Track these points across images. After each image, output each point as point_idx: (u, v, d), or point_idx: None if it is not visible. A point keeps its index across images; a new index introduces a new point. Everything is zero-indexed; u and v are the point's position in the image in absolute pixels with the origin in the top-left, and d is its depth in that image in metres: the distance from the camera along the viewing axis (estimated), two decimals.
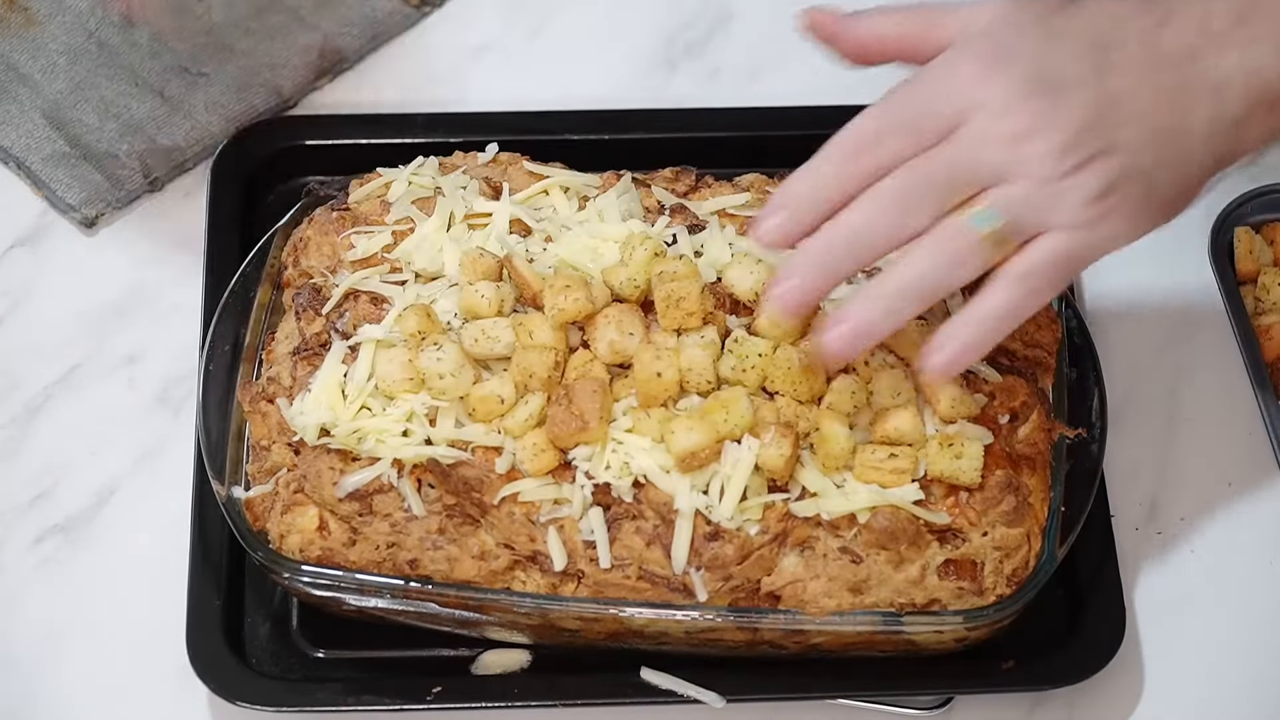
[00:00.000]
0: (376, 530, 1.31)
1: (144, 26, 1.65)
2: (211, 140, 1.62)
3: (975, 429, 1.30)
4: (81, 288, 1.56)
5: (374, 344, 1.32)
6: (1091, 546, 1.40)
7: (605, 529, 1.29)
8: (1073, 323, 1.41)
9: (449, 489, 1.30)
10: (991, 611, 1.30)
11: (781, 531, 1.28)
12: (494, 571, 1.31)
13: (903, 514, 1.28)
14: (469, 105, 1.62)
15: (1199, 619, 1.43)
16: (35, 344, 1.53)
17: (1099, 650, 1.37)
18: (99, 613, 1.42)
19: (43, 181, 1.59)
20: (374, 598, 1.33)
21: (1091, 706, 1.40)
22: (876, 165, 1.18)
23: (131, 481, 1.48)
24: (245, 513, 1.34)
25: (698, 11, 1.71)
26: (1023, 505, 1.30)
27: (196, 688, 1.36)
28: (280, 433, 1.34)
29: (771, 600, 1.30)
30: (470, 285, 1.32)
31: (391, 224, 1.39)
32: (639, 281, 1.32)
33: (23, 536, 1.45)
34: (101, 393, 1.52)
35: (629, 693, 1.36)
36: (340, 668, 1.40)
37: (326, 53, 1.67)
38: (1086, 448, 1.36)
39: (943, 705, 1.39)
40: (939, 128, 1.17)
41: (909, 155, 1.18)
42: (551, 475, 1.29)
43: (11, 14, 1.67)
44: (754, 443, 1.27)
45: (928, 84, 1.19)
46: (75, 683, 1.40)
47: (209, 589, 1.39)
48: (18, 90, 1.63)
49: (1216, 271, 1.53)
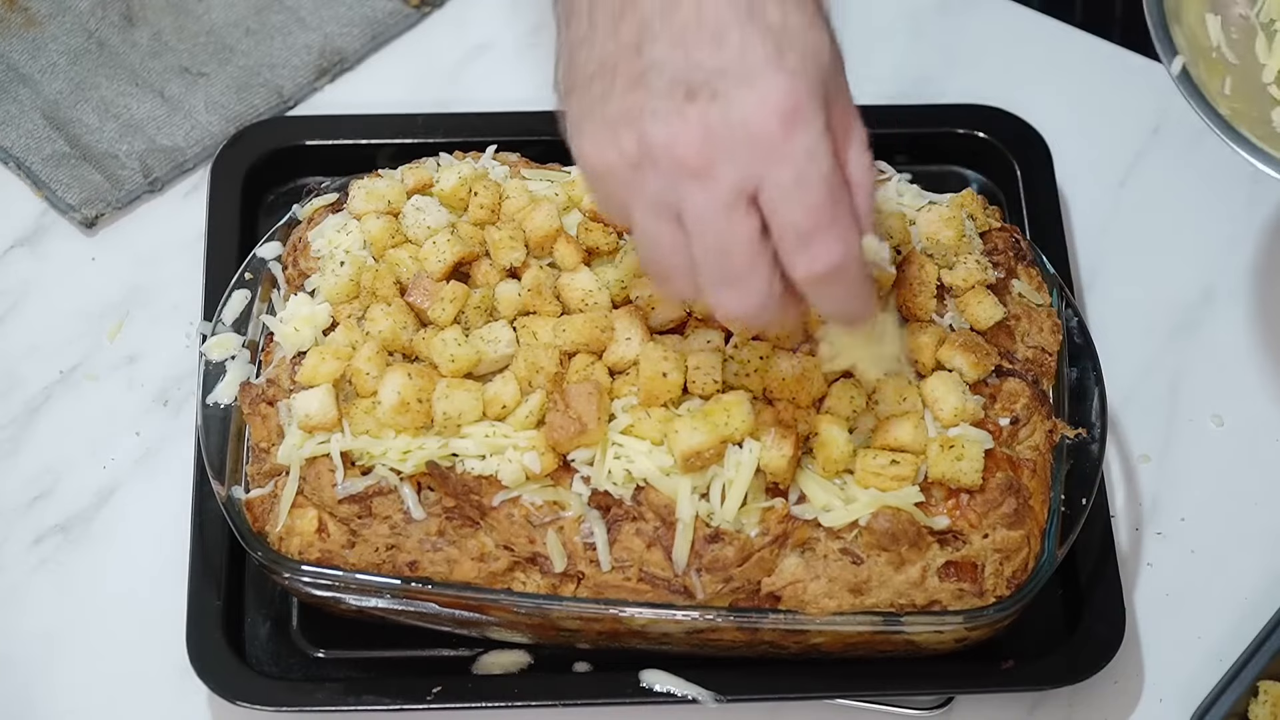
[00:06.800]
0: (376, 532, 1.31)
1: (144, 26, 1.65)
2: (211, 140, 1.62)
3: (976, 432, 1.30)
4: (81, 288, 1.56)
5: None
6: (1091, 546, 1.40)
7: (605, 532, 1.29)
8: (1073, 323, 1.41)
9: (448, 491, 1.30)
10: (991, 612, 1.30)
11: (782, 533, 1.28)
12: (494, 573, 1.31)
13: (904, 516, 1.28)
14: (469, 105, 1.62)
15: (1199, 619, 1.43)
16: (35, 344, 1.53)
17: (1099, 650, 1.37)
18: (99, 613, 1.42)
19: (43, 181, 1.59)
20: (374, 598, 1.33)
21: (1091, 706, 1.40)
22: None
23: (131, 481, 1.48)
24: (245, 513, 1.34)
25: None
26: (1023, 507, 1.30)
27: (196, 688, 1.36)
28: (279, 435, 1.34)
29: (772, 601, 1.30)
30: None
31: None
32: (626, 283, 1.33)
33: (23, 536, 1.45)
34: (101, 393, 1.52)
35: (629, 693, 1.36)
36: (340, 668, 1.40)
37: (326, 53, 1.67)
38: (1086, 448, 1.36)
39: (943, 705, 1.39)
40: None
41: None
42: (551, 478, 1.29)
43: (11, 14, 1.67)
44: (756, 446, 1.27)
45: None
46: (75, 683, 1.40)
47: (209, 589, 1.39)
48: (18, 90, 1.63)
49: None
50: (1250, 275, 1.58)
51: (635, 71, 1.12)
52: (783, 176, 1.11)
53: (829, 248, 1.12)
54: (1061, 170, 1.58)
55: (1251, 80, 1.36)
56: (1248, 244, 1.59)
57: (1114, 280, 1.57)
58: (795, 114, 1.10)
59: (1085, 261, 1.58)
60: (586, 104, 1.14)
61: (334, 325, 1.36)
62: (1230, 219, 1.60)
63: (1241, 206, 1.60)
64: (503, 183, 1.40)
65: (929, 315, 1.35)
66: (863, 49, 1.67)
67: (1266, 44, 1.37)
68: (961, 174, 1.60)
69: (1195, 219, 1.60)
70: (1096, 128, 1.64)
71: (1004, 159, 1.59)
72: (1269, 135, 1.33)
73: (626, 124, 1.12)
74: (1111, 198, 1.62)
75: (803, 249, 1.12)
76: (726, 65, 1.10)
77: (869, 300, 1.18)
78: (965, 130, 1.60)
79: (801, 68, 1.11)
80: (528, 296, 1.34)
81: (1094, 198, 1.61)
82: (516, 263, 1.36)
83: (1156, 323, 1.56)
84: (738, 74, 1.10)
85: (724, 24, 1.11)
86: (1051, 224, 1.55)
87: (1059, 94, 1.65)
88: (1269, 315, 1.56)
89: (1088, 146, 1.62)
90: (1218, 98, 1.33)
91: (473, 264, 1.36)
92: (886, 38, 1.69)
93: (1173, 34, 1.34)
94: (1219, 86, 1.34)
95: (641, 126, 1.11)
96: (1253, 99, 1.35)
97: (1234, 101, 1.34)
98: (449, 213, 1.39)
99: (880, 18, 1.70)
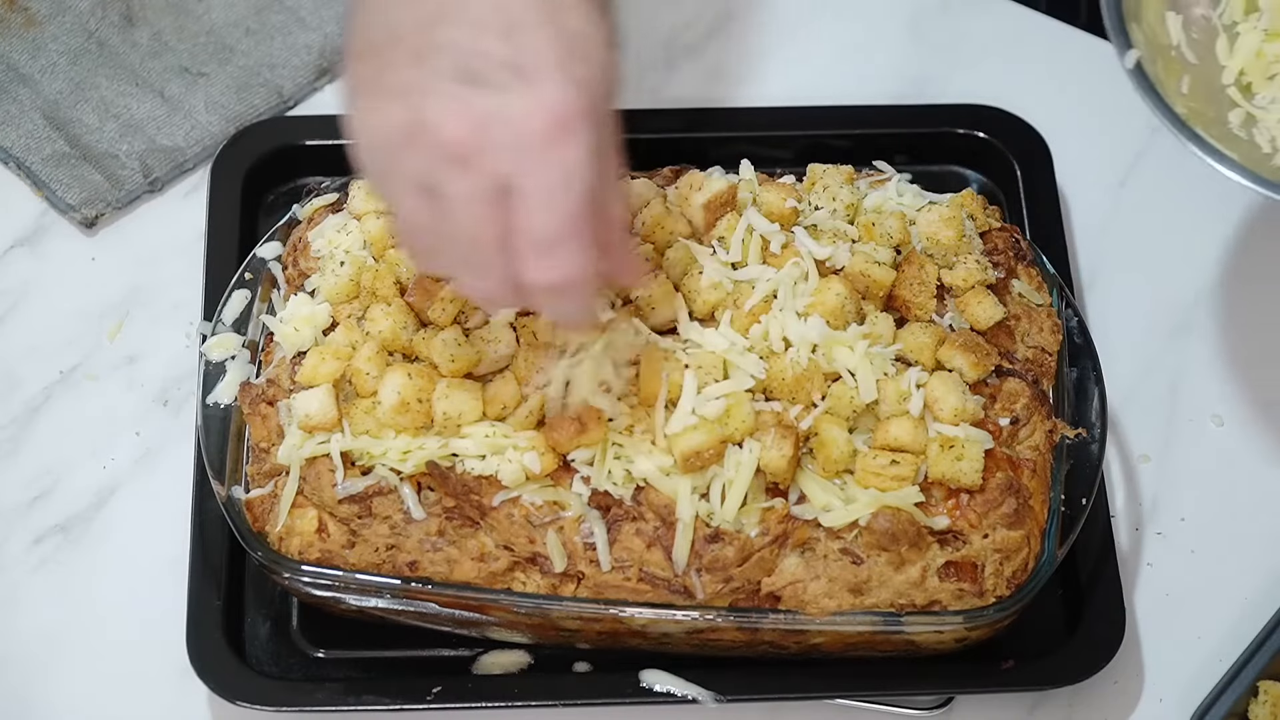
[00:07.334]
0: (376, 533, 1.31)
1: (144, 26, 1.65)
2: (211, 140, 1.61)
3: (976, 432, 1.30)
4: (81, 288, 1.56)
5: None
6: (1091, 546, 1.40)
7: (605, 532, 1.29)
8: (1073, 323, 1.41)
9: (448, 491, 1.30)
10: (992, 612, 1.30)
11: (782, 533, 1.28)
12: (494, 573, 1.31)
13: (904, 516, 1.28)
14: None
15: (1199, 619, 1.43)
16: (35, 344, 1.53)
17: (1099, 650, 1.37)
18: (99, 613, 1.42)
19: (43, 181, 1.59)
20: (374, 598, 1.33)
21: (1091, 706, 1.40)
22: None
23: (131, 481, 1.48)
24: (245, 513, 1.34)
25: (697, 11, 1.71)
26: (1023, 508, 1.30)
27: (196, 688, 1.36)
28: (279, 435, 1.34)
29: (772, 601, 1.30)
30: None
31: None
32: None
33: (23, 536, 1.45)
34: (101, 393, 1.52)
35: (629, 693, 1.36)
36: (340, 668, 1.40)
37: (326, 53, 1.67)
38: (1086, 448, 1.36)
39: (943, 705, 1.39)
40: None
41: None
42: (551, 478, 1.29)
43: (11, 14, 1.67)
44: (755, 446, 1.27)
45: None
46: (75, 682, 1.40)
47: (209, 589, 1.39)
48: (18, 90, 1.63)
49: None
50: (1250, 275, 1.58)
51: (422, 47, 1.11)
52: (540, 181, 1.10)
53: (562, 262, 1.12)
54: (1061, 170, 1.58)
55: (1210, 81, 1.36)
56: (1247, 244, 1.59)
57: (1114, 280, 1.57)
58: (568, 124, 1.09)
59: (1085, 261, 1.58)
60: (367, 72, 1.14)
61: (334, 325, 1.36)
62: (1230, 219, 1.60)
63: (1241, 207, 1.60)
64: None
65: (929, 315, 1.35)
66: (863, 49, 1.68)
67: (1228, 46, 1.37)
68: (961, 174, 1.60)
69: (1195, 219, 1.60)
70: (1096, 128, 1.64)
71: (1004, 159, 1.59)
72: (1225, 136, 1.33)
73: (403, 97, 1.11)
74: (1111, 198, 1.62)
75: (538, 256, 1.12)
76: (513, 60, 1.10)
77: (589, 317, 1.21)
78: (965, 130, 1.60)
79: (587, 81, 1.11)
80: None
81: (1094, 198, 1.61)
82: None
83: (1156, 323, 1.55)
84: (522, 71, 1.10)
85: (522, 19, 1.10)
86: (1051, 224, 1.55)
87: (1059, 94, 1.65)
88: (1269, 315, 1.56)
89: (1088, 146, 1.62)
90: (1174, 96, 1.33)
91: None
92: (886, 38, 1.69)
93: (1130, 31, 1.34)
94: (1176, 85, 1.34)
95: (416, 102, 1.11)
96: (1211, 99, 1.35)
97: (1191, 101, 1.34)
98: None
99: (880, 18, 1.70)
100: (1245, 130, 1.34)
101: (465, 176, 1.11)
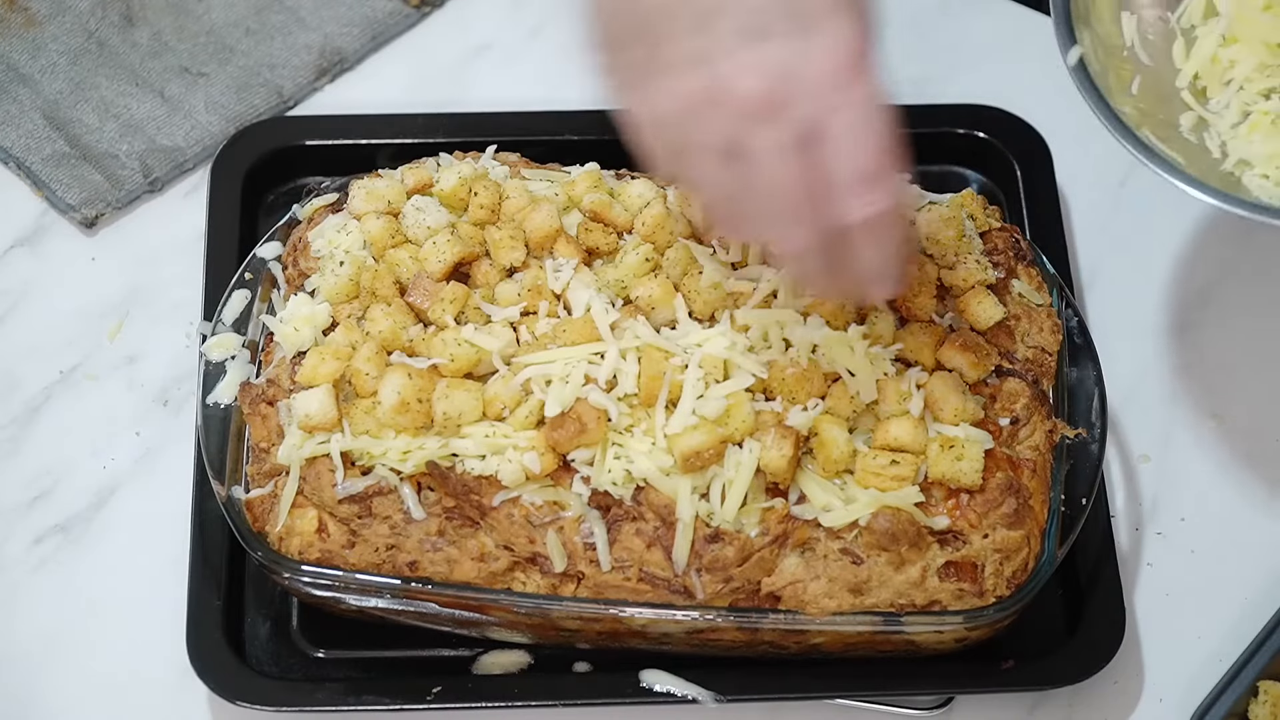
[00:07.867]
0: (376, 533, 1.31)
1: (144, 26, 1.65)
2: (211, 140, 1.62)
3: (976, 432, 1.30)
4: (81, 288, 1.56)
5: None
6: (1091, 546, 1.40)
7: (605, 532, 1.29)
8: (1073, 323, 1.41)
9: (448, 491, 1.30)
10: (992, 612, 1.30)
11: (782, 533, 1.28)
12: (494, 573, 1.31)
13: (904, 516, 1.28)
14: (469, 105, 1.62)
15: (1199, 619, 1.43)
16: (35, 344, 1.53)
17: (1099, 650, 1.37)
18: (99, 613, 1.42)
19: (43, 181, 1.59)
20: (374, 598, 1.33)
21: (1091, 706, 1.40)
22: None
23: (131, 481, 1.48)
24: (245, 513, 1.34)
25: None
26: (1023, 508, 1.30)
27: (196, 688, 1.36)
28: (279, 435, 1.34)
29: (772, 601, 1.30)
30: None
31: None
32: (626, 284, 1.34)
33: (23, 536, 1.45)
34: (101, 393, 1.52)
35: (629, 693, 1.36)
36: (340, 668, 1.40)
37: (326, 53, 1.67)
38: (1086, 448, 1.36)
39: (943, 705, 1.39)
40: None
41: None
42: (551, 478, 1.29)
43: (11, 14, 1.67)
44: (755, 446, 1.27)
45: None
46: (75, 682, 1.40)
47: (209, 589, 1.39)
48: (18, 90, 1.63)
49: None
50: (1250, 275, 1.58)
51: (701, 14, 1.11)
52: (845, 120, 1.12)
53: (882, 195, 1.14)
54: (1061, 170, 1.58)
55: (1163, 83, 1.36)
56: (1247, 244, 1.59)
57: (1114, 280, 1.57)
58: (859, 61, 1.12)
59: (1085, 261, 1.58)
60: (638, 56, 1.14)
61: (334, 325, 1.36)
62: (1229, 219, 1.60)
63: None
64: (503, 183, 1.40)
65: (929, 315, 1.35)
66: None
67: (1185, 49, 1.37)
68: (961, 174, 1.60)
69: (1195, 219, 1.60)
70: (1096, 128, 1.63)
71: (1004, 159, 1.59)
72: (1173, 138, 1.33)
73: (692, 67, 1.12)
74: (1111, 198, 1.62)
75: (858, 194, 1.13)
76: (793, 9, 1.11)
77: (901, 264, 1.20)
78: (965, 130, 1.60)
79: (863, 16, 1.13)
80: (528, 296, 1.34)
81: (1094, 198, 1.61)
82: (516, 263, 1.36)
83: (1156, 323, 1.55)
84: (804, 18, 1.11)
85: None
86: (1051, 224, 1.55)
87: (1059, 94, 1.65)
88: (1269, 315, 1.56)
89: (1088, 146, 1.62)
90: (1121, 95, 1.33)
91: (473, 264, 1.36)
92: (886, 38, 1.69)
93: (1077, 30, 1.34)
94: (1126, 85, 1.34)
95: (712, 67, 1.11)
96: (1162, 101, 1.35)
97: (1140, 102, 1.34)
98: (449, 213, 1.39)
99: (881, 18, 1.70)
100: (1195, 134, 1.34)
101: (770, 130, 1.11)
